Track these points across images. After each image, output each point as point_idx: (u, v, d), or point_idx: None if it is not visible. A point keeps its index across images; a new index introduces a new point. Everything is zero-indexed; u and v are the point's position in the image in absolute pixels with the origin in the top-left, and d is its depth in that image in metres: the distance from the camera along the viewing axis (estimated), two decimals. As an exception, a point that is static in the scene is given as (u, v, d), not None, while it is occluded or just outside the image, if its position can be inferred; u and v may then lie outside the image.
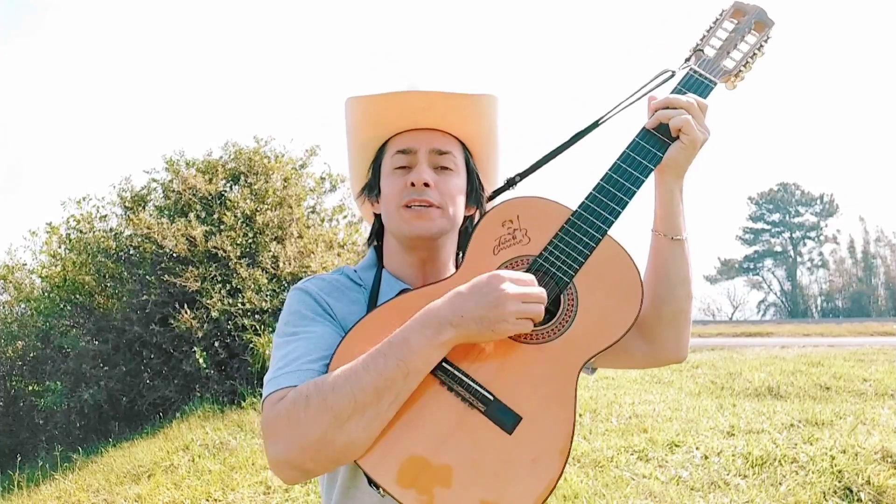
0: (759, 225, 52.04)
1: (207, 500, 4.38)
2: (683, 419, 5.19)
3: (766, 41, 1.21)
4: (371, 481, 0.99)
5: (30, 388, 8.44)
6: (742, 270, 51.62)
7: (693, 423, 5.03)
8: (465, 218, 1.24)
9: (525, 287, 1.00)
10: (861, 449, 3.92)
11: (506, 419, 1.00)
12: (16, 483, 5.61)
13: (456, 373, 1.01)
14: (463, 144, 1.22)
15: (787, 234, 51.18)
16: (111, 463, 5.62)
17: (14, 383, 8.97)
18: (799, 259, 50.68)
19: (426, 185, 1.13)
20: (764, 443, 4.24)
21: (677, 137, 1.12)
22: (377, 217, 1.26)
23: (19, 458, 6.99)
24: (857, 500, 3.42)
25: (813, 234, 50.82)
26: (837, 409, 5.21)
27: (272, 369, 1.05)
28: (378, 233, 1.27)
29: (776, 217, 51.57)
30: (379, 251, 1.26)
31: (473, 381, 1.01)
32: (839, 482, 3.57)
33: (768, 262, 51.62)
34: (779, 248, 51.43)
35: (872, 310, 43.62)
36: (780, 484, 3.63)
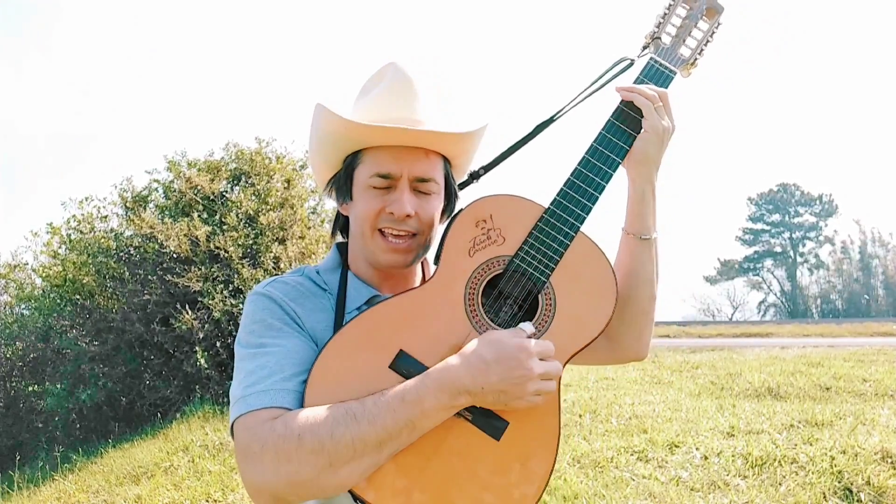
0: (759, 225, 52.02)
1: (207, 500, 4.38)
2: (683, 420, 5.19)
3: (717, 28, 1.21)
4: (357, 498, 0.96)
5: (30, 388, 8.44)
6: (742, 271, 51.60)
7: (693, 423, 5.03)
8: None
9: (548, 364, 0.98)
10: (861, 449, 3.92)
11: (493, 426, 1.00)
12: (16, 483, 5.61)
13: None
14: (444, 157, 1.16)
15: (786, 235, 51.16)
16: (111, 464, 5.62)
17: (14, 384, 8.97)
18: (798, 259, 50.69)
19: (407, 216, 1.08)
20: (764, 443, 4.24)
21: (643, 128, 1.12)
22: (341, 213, 1.21)
23: (19, 459, 7.00)
24: (857, 501, 3.42)
25: (812, 234, 50.83)
26: (837, 410, 5.21)
27: (240, 385, 0.99)
28: (343, 228, 1.21)
29: (776, 217, 51.56)
30: (343, 248, 1.21)
31: None
32: (839, 483, 3.57)
33: (768, 262, 51.60)
34: (778, 249, 51.41)
35: (872, 310, 43.63)
36: (779, 484, 3.63)
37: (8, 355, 9.21)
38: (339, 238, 1.24)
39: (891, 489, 3.44)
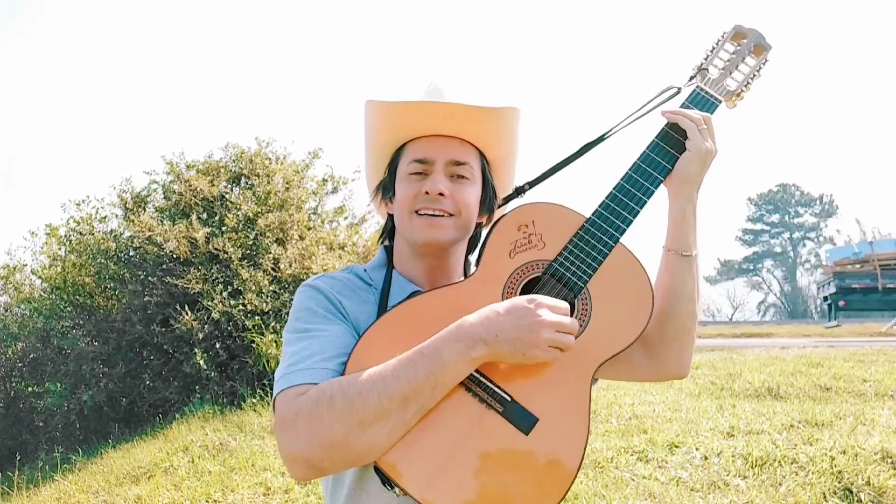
0: (759, 226, 52.03)
1: (207, 501, 4.38)
2: (683, 420, 5.18)
3: (764, 64, 1.27)
4: (386, 481, 0.99)
5: (30, 389, 8.44)
6: (742, 271, 51.61)
7: (693, 423, 5.02)
8: (477, 225, 1.26)
9: (560, 316, 1.01)
10: (861, 450, 3.92)
11: (523, 420, 1.02)
12: (15, 484, 5.61)
13: (474, 374, 1.03)
14: (481, 153, 1.22)
15: (786, 235, 51.18)
16: (111, 464, 5.61)
17: (14, 384, 8.97)
18: (798, 260, 50.68)
19: (441, 194, 1.14)
20: (764, 443, 4.24)
21: (685, 149, 1.16)
22: (390, 217, 1.28)
23: (19, 459, 7.00)
24: (857, 501, 3.42)
25: (812, 234, 50.83)
26: (837, 410, 5.20)
27: (284, 365, 1.05)
28: (390, 232, 1.28)
29: (775, 218, 51.57)
30: (389, 251, 1.27)
31: (491, 381, 1.03)
32: (839, 483, 3.57)
33: (768, 262, 51.61)
34: (778, 249, 51.43)
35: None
36: (780, 485, 3.63)
37: (8, 355, 9.20)
38: (387, 243, 1.31)
39: (891, 489, 3.44)
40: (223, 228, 7.69)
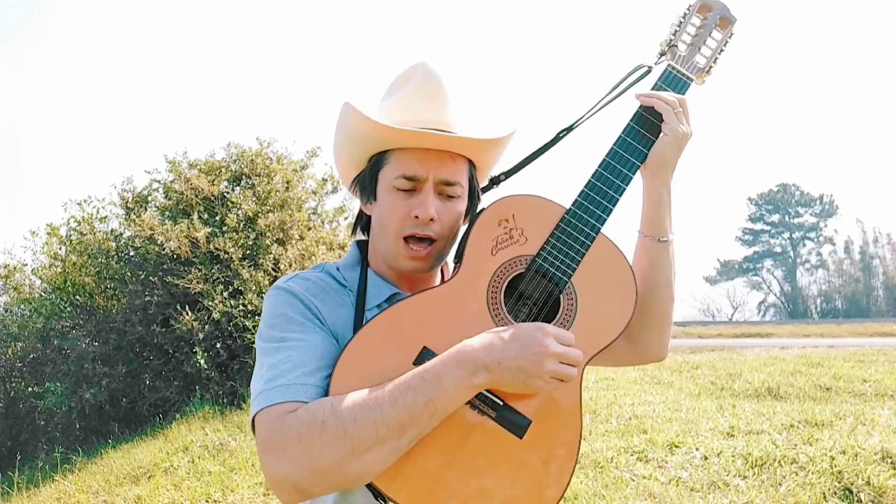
0: (759, 226, 52.04)
1: (207, 501, 4.38)
2: (683, 420, 5.18)
3: (730, 38, 1.24)
4: (379, 495, 0.96)
5: (30, 389, 8.44)
6: (742, 271, 51.62)
7: (693, 423, 5.02)
8: None
9: (566, 347, 0.98)
10: (861, 450, 3.92)
11: (516, 424, 1.00)
12: (15, 484, 5.61)
13: None
14: (470, 161, 1.17)
15: (786, 235, 51.19)
16: (111, 464, 5.62)
17: (14, 384, 8.97)
18: (798, 260, 50.69)
19: (431, 219, 1.09)
20: (764, 443, 4.24)
21: (661, 133, 1.14)
22: (364, 212, 1.21)
23: (19, 459, 7.00)
24: (857, 501, 3.42)
25: (812, 234, 50.83)
26: (837, 410, 5.20)
27: (262, 379, 0.99)
28: (364, 226, 1.22)
29: (776, 218, 51.57)
30: (363, 246, 1.21)
31: None
32: (839, 483, 3.57)
33: (768, 262, 51.62)
34: (778, 249, 51.44)
35: (872, 310, 43.61)
36: (779, 485, 3.63)
37: (8, 355, 9.20)
38: (360, 236, 1.25)
39: (891, 489, 3.44)
40: (224, 228, 7.69)
